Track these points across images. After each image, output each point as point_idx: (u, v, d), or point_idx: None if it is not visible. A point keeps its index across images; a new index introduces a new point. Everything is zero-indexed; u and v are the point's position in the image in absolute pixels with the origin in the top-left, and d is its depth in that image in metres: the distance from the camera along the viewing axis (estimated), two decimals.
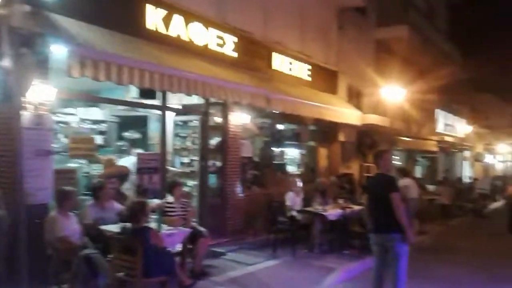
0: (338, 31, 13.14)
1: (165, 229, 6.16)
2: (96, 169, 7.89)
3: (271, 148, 11.27)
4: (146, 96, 7.87)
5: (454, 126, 22.66)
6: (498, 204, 22.43)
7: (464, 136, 24.17)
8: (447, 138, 21.18)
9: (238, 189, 9.50)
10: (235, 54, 9.23)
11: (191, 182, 8.99)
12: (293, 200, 9.25)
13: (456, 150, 24.54)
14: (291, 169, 12.03)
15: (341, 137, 13.22)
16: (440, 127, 20.78)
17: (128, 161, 8.08)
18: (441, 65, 17.79)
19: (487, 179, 25.38)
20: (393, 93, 13.50)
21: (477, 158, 28.87)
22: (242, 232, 9.33)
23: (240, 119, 9.56)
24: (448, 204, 15.70)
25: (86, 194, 6.97)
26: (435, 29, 18.95)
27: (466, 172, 27.00)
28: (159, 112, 8.16)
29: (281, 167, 11.64)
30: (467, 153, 26.99)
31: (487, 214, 18.44)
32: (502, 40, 28.82)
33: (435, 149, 19.25)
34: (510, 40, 30.97)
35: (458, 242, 11.92)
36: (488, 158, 30.99)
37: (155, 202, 6.96)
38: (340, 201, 9.62)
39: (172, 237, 6.07)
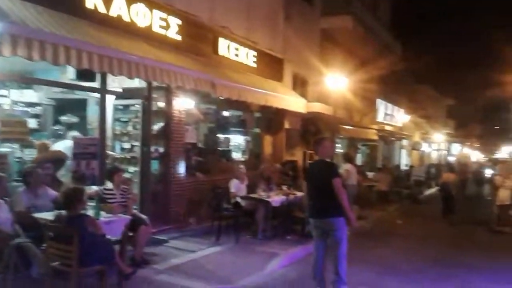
0: (284, 19, 13.17)
1: (104, 216, 5.94)
2: (30, 154, 7.48)
3: (216, 135, 11.17)
4: (85, 78, 7.49)
5: (393, 116, 23.50)
6: (432, 190, 23.64)
7: (402, 125, 25.15)
8: (386, 127, 21.94)
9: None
10: (180, 38, 8.99)
11: (132, 168, 8.72)
12: (237, 186, 9.24)
13: (395, 139, 25.50)
14: (236, 155, 12.01)
15: (286, 125, 13.33)
16: (380, 117, 21.49)
17: (64, 146, 7.71)
18: (382, 56, 18.37)
19: (423, 166, 26.65)
20: (337, 82, 13.76)
21: (414, 147, 30.17)
22: (185, 219, 9.21)
23: (184, 104, 9.37)
24: (386, 190, 16.31)
25: (18, 180, 6.59)
26: (377, 20, 19.46)
27: (404, 160, 28.18)
28: (98, 95, 7.82)
29: (226, 153, 11.58)
30: (405, 142, 28.13)
31: (423, 200, 19.38)
32: (439, 35, 30.21)
33: (375, 137, 19.89)
34: (447, 35, 32.49)
35: (396, 227, 12.44)
36: (424, 147, 32.49)
37: (93, 188, 6.72)
38: (284, 187, 9.72)
39: (111, 224, 5.86)
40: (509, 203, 12.06)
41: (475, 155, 49.57)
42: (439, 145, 36.91)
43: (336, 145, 15.47)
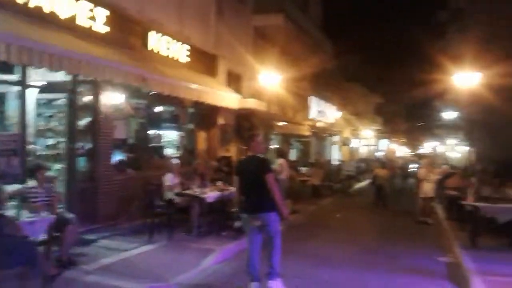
0: (217, 15, 13.09)
1: (26, 216, 5.59)
2: None
3: (148, 131, 10.87)
4: (3, 70, 7.00)
5: (325, 112, 24.15)
6: (362, 184, 24.62)
7: (334, 121, 25.91)
8: (319, 123, 22.51)
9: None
10: (107, 30, 8.64)
11: (57, 166, 8.28)
12: (172, 180, 9.05)
13: (327, 135, 26.23)
14: (169, 152, 11.77)
15: (221, 120, 13.28)
16: (313, 113, 22.00)
17: None
18: (314, 54, 18.80)
19: (353, 161, 27.70)
20: (270, 79, 13.89)
21: (345, 142, 31.23)
22: (116, 217, 8.89)
23: (113, 99, 9.02)
24: (318, 185, 16.73)
25: None
26: (309, 18, 19.88)
27: (335, 155, 29.07)
28: (18, 88, 7.33)
29: (159, 149, 11.32)
30: (336, 138, 29.02)
31: (353, 193, 20.11)
32: (369, 34, 31.48)
33: (308, 133, 20.34)
34: (376, 35, 33.91)
35: (329, 220, 12.80)
36: (354, 142, 33.73)
37: (14, 187, 6.30)
38: (219, 183, 9.67)
39: (34, 224, 5.54)
40: (431, 195, 12.83)
41: (401, 151, 52.27)
42: (368, 141, 38.46)
43: (270, 141, 15.66)
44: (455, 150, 36.19)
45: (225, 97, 11.65)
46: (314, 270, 7.12)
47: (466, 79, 13.05)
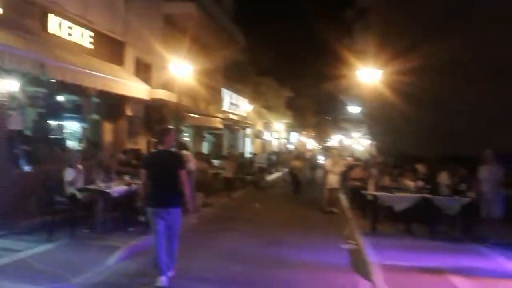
0: (125, 0, 12.51)
1: None
2: None
3: (47, 121, 10.11)
4: None
5: (238, 105, 24.27)
6: (273, 176, 25.17)
7: (246, 114, 26.14)
8: (231, 116, 22.56)
9: None
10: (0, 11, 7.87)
11: None
12: (73, 177, 8.50)
13: (239, 128, 26.41)
14: (71, 144, 11.07)
15: (128, 111, 12.74)
16: (225, 106, 21.99)
17: None
18: (226, 45, 18.74)
19: (265, 154, 28.20)
20: (181, 70, 13.59)
21: (257, 135, 31.70)
22: (11, 215, 8.15)
23: (6, 86, 8.24)
24: (231, 177, 16.78)
25: None
26: (222, 9, 19.76)
27: (248, 148, 29.41)
28: None
29: (60, 142, 10.59)
30: (248, 130, 29.34)
31: (265, 185, 20.47)
32: (280, 28, 32.04)
33: (220, 126, 20.30)
34: (287, 30, 34.64)
35: (241, 212, 12.88)
36: (266, 135, 34.37)
37: None
38: (126, 177, 9.27)
39: None
40: (337, 186, 13.45)
41: (311, 144, 54.30)
42: (280, 134, 39.41)
43: (182, 133, 15.35)
44: (359, 143, 38.31)
45: (133, 87, 11.19)
46: (220, 264, 7.08)
47: (367, 75, 13.76)
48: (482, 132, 12.67)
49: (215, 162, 17.65)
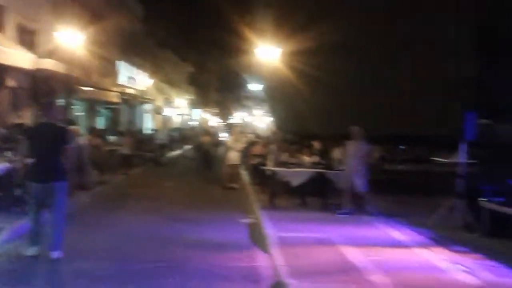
0: None
1: None
2: None
3: None
4: None
5: (136, 79, 23.27)
6: (175, 153, 24.74)
7: (145, 89, 25.22)
8: (129, 90, 21.61)
9: None
10: None
11: None
12: None
13: (138, 103, 25.45)
14: None
15: (10, 82, 11.53)
16: (122, 79, 20.96)
17: None
18: (123, 15, 17.74)
19: (166, 130, 27.58)
20: (72, 38, 12.59)
21: (158, 111, 30.83)
22: None
23: None
24: (129, 154, 16.16)
25: None
26: None
27: (148, 124, 28.51)
28: None
29: None
30: (148, 106, 28.39)
31: (165, 162, 20.05)
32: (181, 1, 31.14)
33: (117, 100, 19.33)
34: (188, 3, 33.78)
35: (138, 190, 12.45)
36: (167, 111, 33.57)
37: None
38: (9, 154, 8.42)
39: None
40: (238, 162, 13.54)
41: (214, 120, 54.29)
42: (182, 110, 38.75)
43: (73, 107, 14.33)
44: (261, 120, 39.07)
45: (13, 55, 10.14)
46: (113, 243, 6.73)
47: (266, 53, 13.91)
48: (368, 112, 13.49)
49: (112, 138, 16.83)
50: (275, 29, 16.08)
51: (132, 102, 23.58)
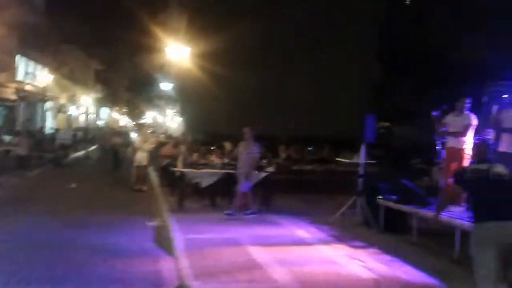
0: None
1: None
2: None
3: None
4: None
5: (35, 75, 21.73)
6: (79, 154, 23.45)
7: (47, 86, 23.64)
8: (28, 87, 20.12)
9: None
10: None
11: None
12: None
13: (39, 100, 23.80)
14: None
15: None
16: (20, 75, 19.46)
17: None
18: (21, 5, 16.50)
19: (70, 130, 26.05)
20: None
21: (60, 109, 29.09)
22: None
23: None
24: (26, 155, 15.10)
25: None
26: None
27: (49, 123, 26.75)
28: None
29: None
30: (50, 104, 26.64)
31: (68, 163, 18.95)
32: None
33: (14, 97, 17.91)
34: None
35: (35, 193, 11.65)
36: (72, 110, 31.79)
37: None
38: None
39: None
40: (145, 164, 13.13)
41: (124, 120, 52.41)
42: (88, 109, 36.91)
43: None
44: (173, 120, 38.44)
45: None
46: (5, 252, 6.18)
47: (177, 52, 13.73)
48: (277, 114, 13.86)
49: (7, 138, 15.61)
50: (187, 29, 15.94)
51: (32, 99, 21.97)
